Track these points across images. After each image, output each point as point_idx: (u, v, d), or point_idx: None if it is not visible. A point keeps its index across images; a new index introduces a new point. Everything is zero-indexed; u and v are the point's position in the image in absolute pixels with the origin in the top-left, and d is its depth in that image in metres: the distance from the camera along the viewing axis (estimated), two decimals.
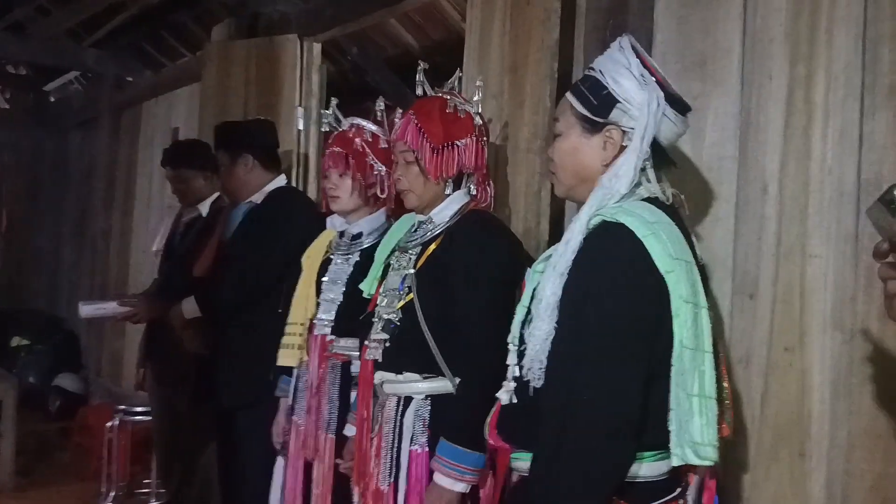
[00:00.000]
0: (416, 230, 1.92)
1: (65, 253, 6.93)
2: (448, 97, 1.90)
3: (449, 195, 1.88)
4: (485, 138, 1.91)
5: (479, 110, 1.94)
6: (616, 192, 1.32)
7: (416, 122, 1.85)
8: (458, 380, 1.74)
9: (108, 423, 3.91)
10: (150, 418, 3.68)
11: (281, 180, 2.85)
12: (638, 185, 1.35)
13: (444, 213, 1.87)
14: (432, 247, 1.83)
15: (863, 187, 1.55)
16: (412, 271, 1.83)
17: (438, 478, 1.67)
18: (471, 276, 1.75)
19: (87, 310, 3.10)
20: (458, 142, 1.84)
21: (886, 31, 1.53)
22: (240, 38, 3.96)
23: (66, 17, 5.22)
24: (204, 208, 3.27)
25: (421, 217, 1.92)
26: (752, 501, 1.70)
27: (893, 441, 1.47)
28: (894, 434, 1.47)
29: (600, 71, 1.36)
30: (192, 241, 3.16)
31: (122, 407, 3.95)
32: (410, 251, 1.88)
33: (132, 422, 3.89)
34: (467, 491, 1.69)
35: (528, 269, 1.82)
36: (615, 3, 2.02)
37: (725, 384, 1.38)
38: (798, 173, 1.65)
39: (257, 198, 2.78)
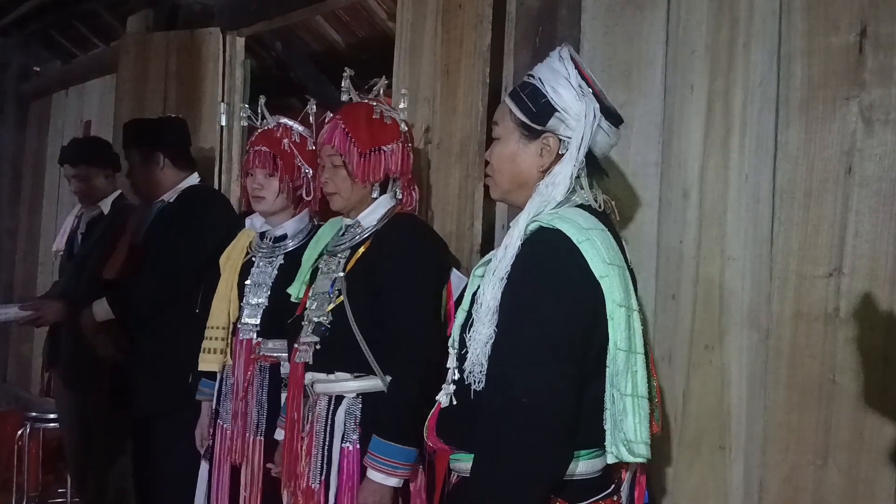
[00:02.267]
0: (343, 234, 1.96)
1: None
2: (374, 104, 1.95)
3: (375, 199, 1.93)
4: (410, 144, 1.97)
5: (405, 117, 2.00)
6: (552, 199, 1.36)
7: (343, 127, 1.89)
8: (388, 378, 1.78)
9: (19, 431, 3.74)
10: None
11: (194, 178, 2.78)
12: (573, 192, 1.39)
13: (372, 216, 1.92)
14: (361, 249, 1.88)
15: (777, 194, 1.64)
16: (342, 274, 1.86)
17: (371, 473, 1.72)
18: (402, 278, 1.80)
19: None
20: (384, 147, 1.90)
21: (799, 47, 1.62)
22: (158, 30, 3.84)
23: None
24: (105, 206, 3.17)
25: (348, 221, 1.96)
26: (675, 493, 1.78)
27: (804, 434, 1.57)
28: (805, 427, 1.57)
29: (540, 79, 1.39)
30: (97, 241, 3.06)
31: (34, 414, 3.80)
32: (339, 255, 1.91)
33: (44, 429, 3.74)
34: (400, 485, 1.75)
35: (454, 270, 1.90)
36: (544, 11, 2.07)
37: (655, 382, 1.44)
38: (717, 180, 1.73)
39: (169, 196, 2.71)
